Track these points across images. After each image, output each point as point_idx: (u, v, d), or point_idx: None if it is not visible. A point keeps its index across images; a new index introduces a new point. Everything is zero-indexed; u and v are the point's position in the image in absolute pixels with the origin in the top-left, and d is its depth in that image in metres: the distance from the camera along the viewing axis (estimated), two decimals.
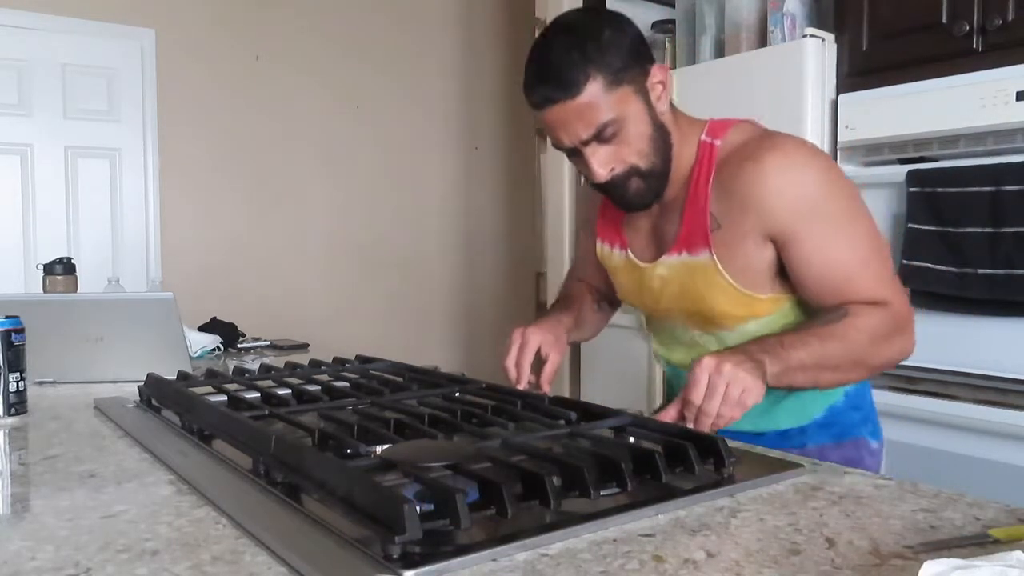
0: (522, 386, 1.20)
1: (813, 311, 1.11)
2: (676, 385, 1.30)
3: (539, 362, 1.24)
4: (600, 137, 1.05)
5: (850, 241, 1.06)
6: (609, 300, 1.44)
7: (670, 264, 1.15)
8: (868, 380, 1.24)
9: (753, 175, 1.05)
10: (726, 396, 0.94)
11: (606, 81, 1.02)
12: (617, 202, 1.15)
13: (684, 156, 1.13)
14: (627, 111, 1.05)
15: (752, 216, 1.06)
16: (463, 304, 4.12)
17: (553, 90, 1.03)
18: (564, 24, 1.10)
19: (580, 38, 1.04)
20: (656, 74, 1.08)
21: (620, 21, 1.08)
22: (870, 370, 1.08)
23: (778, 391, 1.07)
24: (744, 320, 1.13)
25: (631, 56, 1.05)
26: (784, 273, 1.11)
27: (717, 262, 1.09)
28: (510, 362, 1.22)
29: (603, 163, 1.07)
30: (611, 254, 1.27)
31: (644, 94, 1.07)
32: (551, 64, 1.03)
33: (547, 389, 1.22)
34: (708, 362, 0.96)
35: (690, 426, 0.96)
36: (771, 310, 1.13)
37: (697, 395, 0.96)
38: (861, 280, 1.05)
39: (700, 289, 1.12)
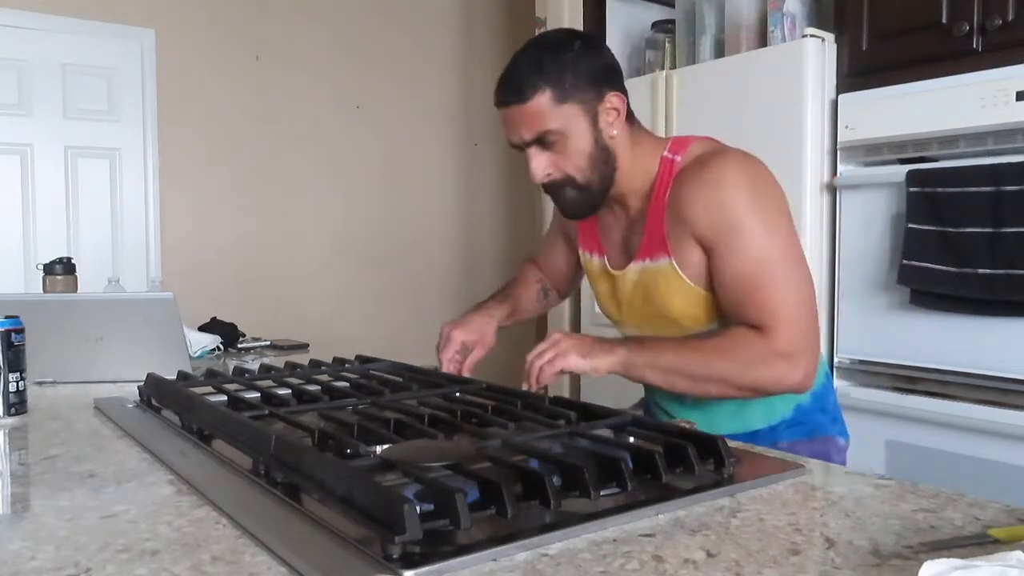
0: (445, 369, 1.39)
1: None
2: (653, 392, 1.38)
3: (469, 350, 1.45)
4: (541, 143, 1.16)
5: (754, 264, 1.11)
6: (558, 290, 1.60)
7: (636, 271, 1.25)
8: (831, 381, 1.34)
9: (689, 188, 1.15)
10: (543, 355, 1.14)
11: (554, 95, 1.13)
12: (557, 207, 1.28)
13: (647, 171, 1.22)
14: (570, 126, 1.15)
15: (688, 223, 1.15)
16: (463, 304, 4.11)
17: (508, 93, 1.16)
18: (539, 39, 1.22)
19: (544, 53, 1.15)
20: (611, 100, 1.17)
21: (591, 45, 1.19)
22: (736, 389, 1.14)
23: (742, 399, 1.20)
24: (702, 322, 1.21)
25: (587, 79, 1.15)
26: None
27: (675, 265, 1.18)
28: (442, 356, 1.42)
29: (541, 166, 1.18)
30: (591, 261, 1.37)
31: (592, 116, 1.16)
32: (513, 72, 1.16)
33: (467, 374, 1.40)
34: (554, 334, 1.16)
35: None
36: (720, 313, 1.20)
37: (530, 355, 1.16)
38: (753, 302, 1.11)
39: (662, 293, 1.21)
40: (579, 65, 1.14)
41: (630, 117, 1.22)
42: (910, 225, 2.00)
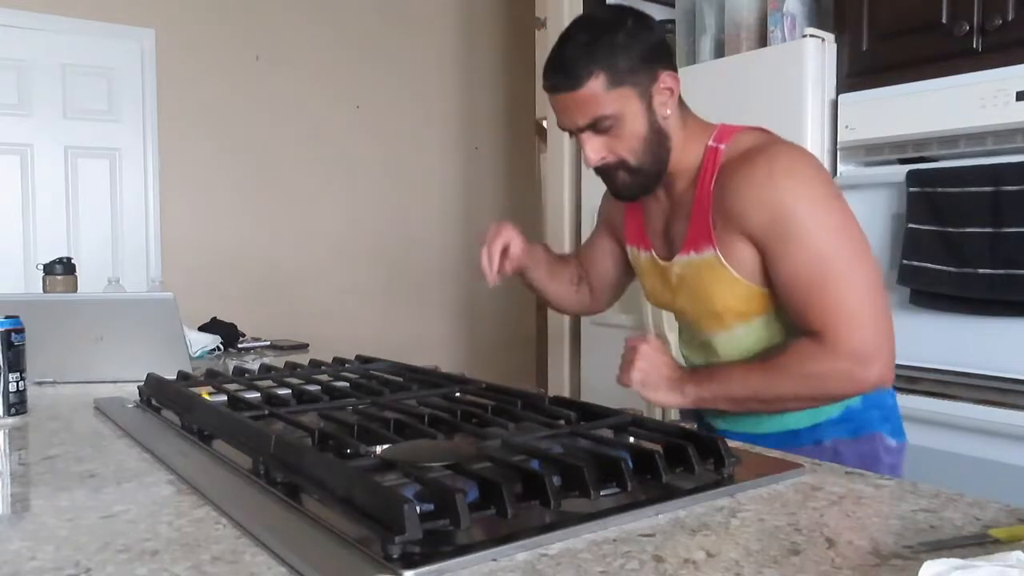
0: (493, 270, 1.36)
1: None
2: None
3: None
4: (596, 127, 1.13)
5: (811, 265, 1.07)
6: (590, 286, 1.52)
7: (682, 263, 1.21)
8: (893, 393, 1.27)
9: (740, 183, 1.10)
10: (629, 361, 1.15)
11: (608, 79, 1.09)
12: (608, 188, 1.23)
13: (691, 159, 1.18)
14: (625, 110, 1.12)
15: (736, 219, 1.11)
16: (463, 304, 4.12)
17: (560, 80, 1.12)
18: (587, 19, 1.19)
19: (594, 35, 1.11)
20: (665, 80, 1.14)
21: (642, 24, 1.16)
22: (812, 401, 1.12)
23: None
24: (746, 317, 1.17)
25: (641, 60, 1.12)
26: None
27: (721, 257, 1.14)
28: (491, 246, 1.36)
29: (595, 150, 1.15)
30: (638, 256, 1.33)
31: (647, 97, 1.13)
32: (564, 56, 1.12)
33: (509, 270, 1.39)
34: (643, 346, 1.16)
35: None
36: (768, 307, 1.16)
37: (633, 341, 1.16)
38: (814, 305, 1.07)
39: (708, 285, 1.17)
40: (632, 46, 1.11)
41: (679, 98, 1.19)
42: (910, 225, 2.00)
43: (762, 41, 2.45)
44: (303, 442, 0.92)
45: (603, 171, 1.18)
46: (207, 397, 1.20)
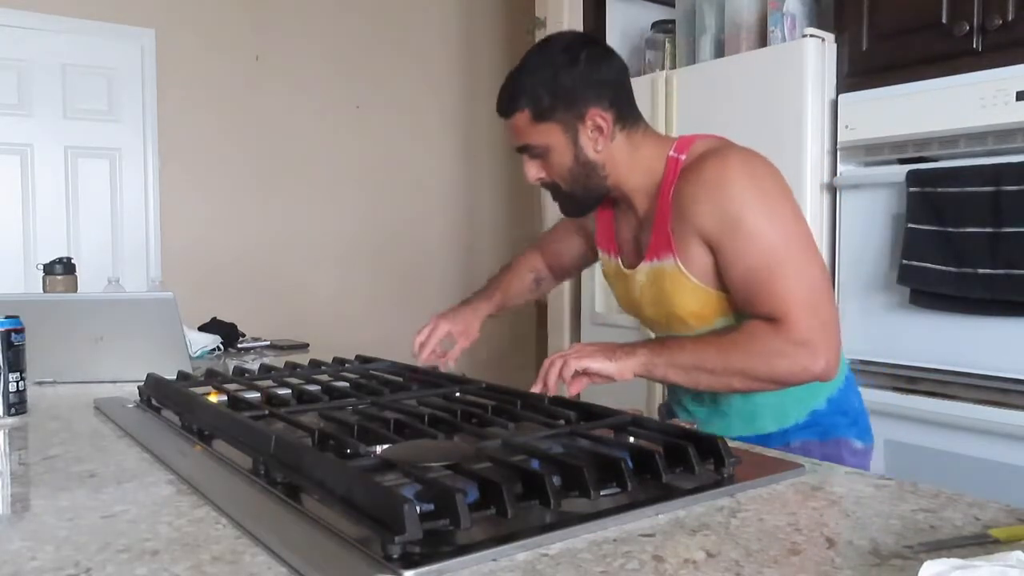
0: (423, 359, 1.44)
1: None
2: (676, 391, 1.36)
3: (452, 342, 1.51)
4: (528, 152, 1.22)
5: (762, 260, 1.10)
6: (557, 276, 1.64)
7: (644, 271, 1.26)
8: (854, 384, 1.30)
9: (691, 188, 1.15)
10: (564, 355, 1.15)
11: (532, 114, 1.18)
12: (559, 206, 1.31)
13: (652, 171, 1.22)
14: (550, 142, 1.19)
15: (691, 221, 1.15)
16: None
17: (499, 105, 1.23)
18: (540, 48, 1.25)
19: (530, 70, 1.20)
20: (594, 119, 1.18)
21: (590, 60, 1.18)
22: (757, 381, 1.12)
23: (758, 398, 1.22)
24: (707, 320, 1.21)
25: (569, 97, 1.16)
26: None
27: (679, 263, 1.18)
28: (419, 339, 1.46)
29: (531, 171, 1.24)
30: (608, 261, 1.38)
31: (572, 134, 1.19)
32: (505, 84, 1.23)
33: (452, 365, 1.47)
34: (575, 344, 1.18)
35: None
36: (726, 310, 1.19)
37: (551, 357, 1.17)
38: (765, 297, 1.10)
39: (669, 292, 1.21)
40: (563, 83, 1.16)
41: (631, 123, 1.22)
42: (910, 225, 2.00)
43: (762, 41, 2.45)
44: (303, 442, 0.92)
45: (544, 188, 1.27)
46: (214, 399, 1.20)
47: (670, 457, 0.84)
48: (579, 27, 2.98)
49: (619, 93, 1.20)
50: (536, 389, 1.17)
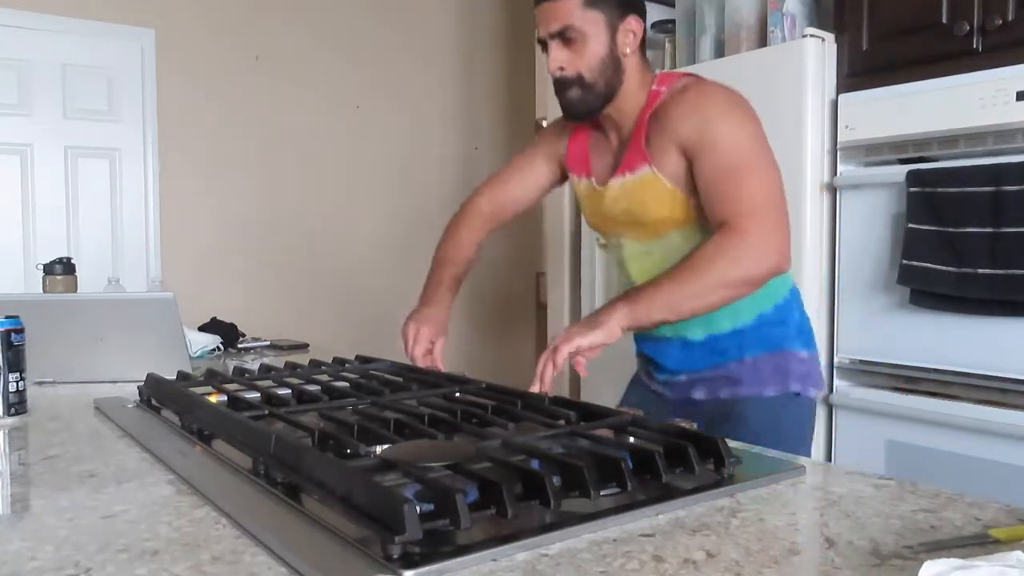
0: (423, 365, 1.48)
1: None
2: (637, 339, 1.52)
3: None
4: (563, 36, 1.30)
5: (732, 161, 1.25)
6: (500, 225, 1.70)
7: (618, 185, 1.39)
8: (799, 299, 1.46)
9: (677, 104, 1.31)
10: (552, 348, 1.21)
11: (586, 1, 1.29)
12: (561, 105, 1.38)
13: (638, 99, 1.36)
14: (591, 30, 1.30)
15: (671, 133, 1.30)
16: (463, 304, 4.12)
17: None
18: None
19: None
20: (631, 23, 1.33)
21: None
22: (734, 287, 1.24)
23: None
24: (678, 224, 1.34)
25: (615, 1, 1.32)
26: None
27: (655, 170, 1.32)
28: (415, 352, 1.50)
29: (558, 60, 1.32)
30: (579, 182, 1.51)
31: (612, 28, 1.32)
32: None
33: (442, 366, 1.51)
34: (556, 336, 1.22)
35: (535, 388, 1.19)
36: (696, 215, 1.32)
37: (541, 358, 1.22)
38: (730, 196, 1.24)
39: (641, 200, 1.35)
40: None
41: (643, 48, 1.36)
42: (910, 225, 2.00)
43: (762, 41, 2.45)
44: (303, 442, 0.92)
45: (560, 83, 1.34)
46: (214, 399, 1.20)
47: (670, 457, 0.84)
48: None
49: (644, 14, 1.37)
50: (535, 389, 1.18)
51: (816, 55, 2.24)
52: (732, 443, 0.93)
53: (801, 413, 1.41)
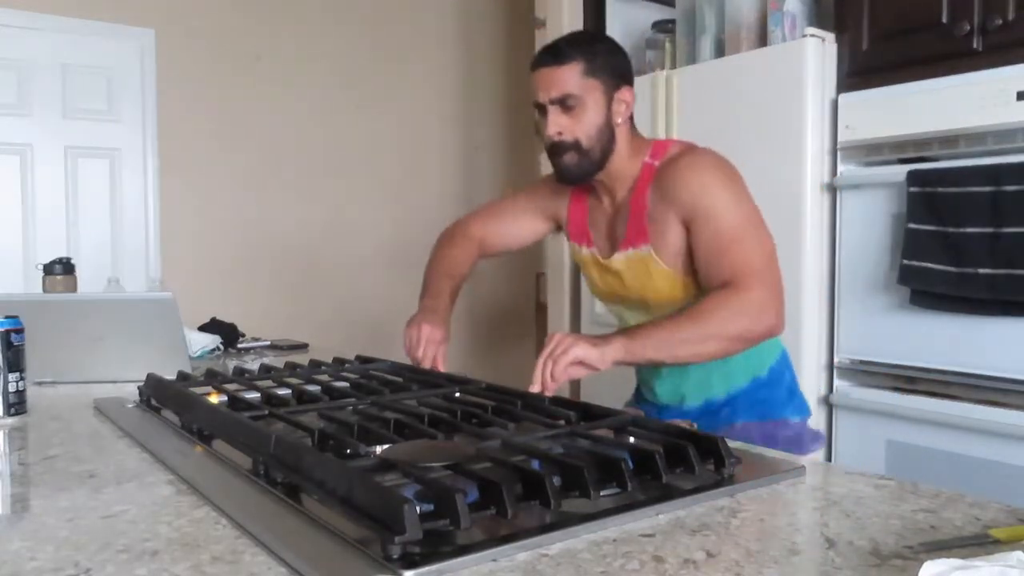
0: (427, 366, 1.47)
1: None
2: (640, 371, 1.56)
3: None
4: (563, 103, 1.34)
5: (728, 228, 1.29)
6: (487, 256, 1.72)
7: (621, 260, 1.42)
8: (788, 360, 1.50)
9: (674, 176, 1.35)
10: (553, 354, 1.20)
11: (585, 69, 1.33)
12: (555, 169, 1.41)
13: (632, 170, 1.40)
14: (592, 97, 1.34)
15: (668, 204, 1.34)
16: (463, 304, 4.10)
17: (547, 58, 1.36)
18: (581, 30, 1.54)
19: (582, 37, 1.45)
20: (625, 94, 1.38)
21: (617, 47, 1.41)
22: (729, 340, 1.27)
23: (711, 365, 1.38)
24: (674, 301, 1.37)
25: (611, 69, 1.36)
26: None
27: (652, 252, 1.36)
28: (417, 354, 1.49)
29: (557, 125, 1.35)
30: (580, 251, 1.54)
31: (609, 98, 1.36)
32: (556, 43, 1.38)
33: (443, 368, 1.49)
34: (554, 335, 1.23)
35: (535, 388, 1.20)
36: (691, 293, 1.37)
37: (540, 357, 1.22)
38: (727, 260, 1.28)
39: (643, 277, 1.39)
40: (608, 56, 1.37)
41: (632, 119, 1.41)
42: (910, 225, 2.00)
43: (762, 41, 2.45)
44: (303, 442, 0.92)
45: (557, 148, 1.37)
46: (214, 399, 1.20)
47: (670, 457, 0.84)
48: (579, 27, 2.98)
49: (633, 85, 1.41)
50: (534, 388, 1.19)
51: (816, 55, 2.24)
52: (732, 443, 0.93)
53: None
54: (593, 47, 1.36)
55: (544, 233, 1.64)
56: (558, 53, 1.34)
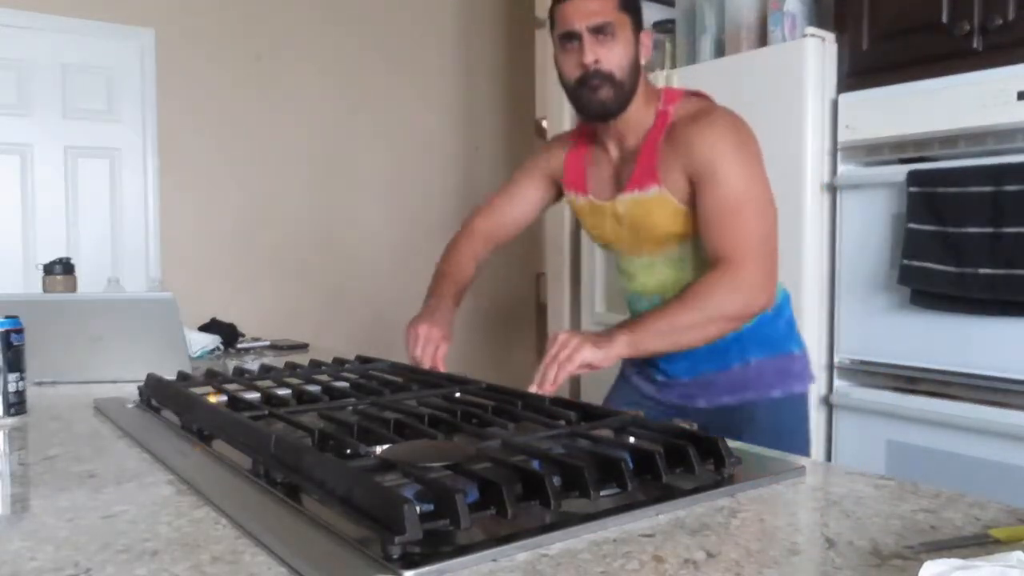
0: (428, 366, 1.47)
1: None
2: (635, 307, 1.53)
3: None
4: (601, 31, 1.33)
5: (732, 197, 1.30)
6: (495, 247, 1.75)
7: (624, 201, 1.42)
8: (787, 296, 1.52)
9: (690, 131, 1.35)
10: (558, 358, 1.20)
11: (620, 4, 1.34)
12: (585, 104, 1.39)
13: (644, 116, 1.40)
14: (624, 33, 1.35)
15: (681, 159, 1.34)
16: (463, 304, 4.11)
17: None
18: None
19: None
20: (646, 38, 1.40)
21: None
22: (730, 320, 1.29)
23: None
24: (681, 238, 1.39)
25: (638, 10, 1.38)
26: None
27: (664, 190, 1.36)
28: (417, 353, 1.49)
29: (598, 51, 1.34)
30: (576, 199, 1.54)
31: (637, 35, 1.38)
32: None
33: (443, 367, 1.49)
34: (558, 335, 1.23)
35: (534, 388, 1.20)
36: (695, 229, 1.37)
37: (544, 359, 1.22)
38: (727, 232, 1.30)
39: (651, 215, 1.39)
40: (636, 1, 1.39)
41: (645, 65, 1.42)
42: (910, 225, 2.00)
43: (762, 41, 2.45)
44: (303, 442, 0.92)
45: (590, 79, 1.35)
46: (214, 399, 1.20)
47: (670, 457, 0.84)
48: None
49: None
50: (536, 389, 1.19)
51: (816, 55, 2.24)
52: (732, 443, 0.93)
53: (803, 409, 1.48)
54: None
55: (549, 199, 1.65)
56: None
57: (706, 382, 1.45)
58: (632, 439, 0.96)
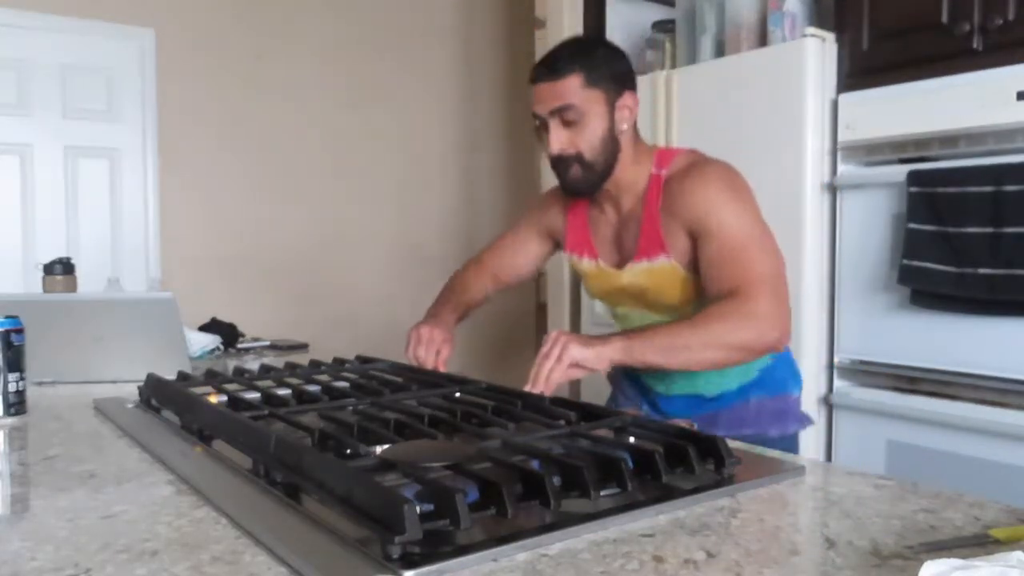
0: (430, 367, 1.47)
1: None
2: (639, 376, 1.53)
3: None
4: (563, 117, 1.31)
5: (735, 239, 1.28)
6: (502, 285, 1.73)
7: (634, 271, 1.40)
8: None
9: (683, 188, 1.33)
10: (551, 355, 1.18)
11: (585, 80, 1.30)
12: (561, 181, 1.39)
13: (638, 179, 1.38)
14: (591, 109, 1.31)
15: (679, 216, 1.33)
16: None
17: (544, 71, 1.33)
18: (577, 38, 1.47)
19: (580, 46, 1.36)
20: (627, 100, 1.35)
21: (617, 51, 1.38)
22: (728, 349, 1.25)
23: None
24: (690, 303, 1.37)
25: (612, 76, 1.33)
26: None
27: (673, 261, 1.35)
28: (420, 352, 1.49)
29: (559, 140, 1.33)
30: (580, 262, 1.52)
31: (611, 107, 1.33)
32: (553, 54, 1.34)
33: (444, 369, 1.49)
34: (552, 334, 1.22)
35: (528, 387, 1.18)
36: (701, 294, 1.35)
37: (539, 357, 1.21)
38: (734, 270, 1.26)
39: (662, 285, 1.38)
40: (608, 62, 1.33)
41: (636, 125, 1.38)
42: (910, 225, 2.00)
43: (762, 41, 2.45)
44: (303, 442, 0.92)
45: (561, 162, 1.35)
46: (214, 399, 1.20)
47: (670, 457, 0.84)
48: (579, 27, 2.98)
49: (636, 89, 1.38)
50: (530, 388, 1.18)
51: (816, 55, 2.24)
52: (732, 443, 0.93)
53: (795, 450, 1.45)
54: (592, 55, 1.32)
55: (546, 254, 1.64)
56: (556, 66, 1.31)
57: (703, 418, 1.43)
58: (632, 439, 0.96)
